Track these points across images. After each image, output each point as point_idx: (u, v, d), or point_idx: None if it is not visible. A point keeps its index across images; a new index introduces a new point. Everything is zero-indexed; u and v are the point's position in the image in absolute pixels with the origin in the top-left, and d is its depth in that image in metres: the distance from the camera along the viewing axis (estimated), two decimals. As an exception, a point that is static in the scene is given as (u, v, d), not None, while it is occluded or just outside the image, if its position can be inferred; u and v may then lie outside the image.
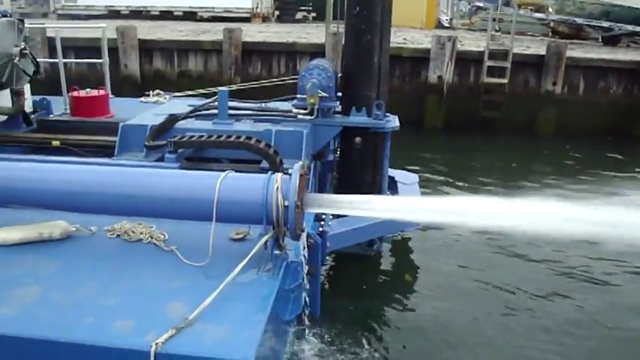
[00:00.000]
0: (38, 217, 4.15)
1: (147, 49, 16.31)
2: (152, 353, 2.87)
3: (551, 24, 21.93)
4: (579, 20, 20.37)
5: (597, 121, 14.60)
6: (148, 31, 18.08)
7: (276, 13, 26.84)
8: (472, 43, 17.24)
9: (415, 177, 7.85)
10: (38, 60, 7.23)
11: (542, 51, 15.13)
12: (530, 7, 23.62)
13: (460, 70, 15.09)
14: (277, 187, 3.58)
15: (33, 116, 7.60)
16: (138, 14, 24.72)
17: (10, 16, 7.05)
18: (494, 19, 16.62)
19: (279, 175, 3.68)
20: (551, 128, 14.72)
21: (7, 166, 4.28)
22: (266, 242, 3.71)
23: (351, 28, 6.68)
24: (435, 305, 6.47)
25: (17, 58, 6.68)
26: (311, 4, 27.95)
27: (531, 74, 15.01)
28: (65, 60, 8.80)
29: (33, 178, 4.10)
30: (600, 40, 20.61)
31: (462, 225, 4.11)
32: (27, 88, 7.43)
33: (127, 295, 3.42)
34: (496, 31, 16.70)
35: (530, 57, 15.19)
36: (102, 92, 8.12)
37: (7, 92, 7.11)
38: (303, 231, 3.86)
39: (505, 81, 14.70)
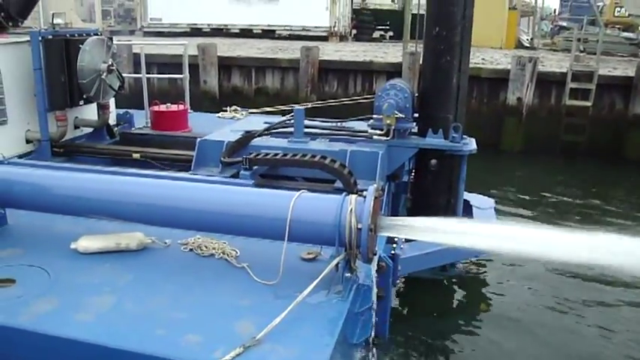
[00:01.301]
0: (117, 227, 4.28)
1: (226, 65, 16.75)
2: (219, 371, 2.87)
3: (641, 44, 20.98)
4: (671, 41, 19.38)
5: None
6: (227, 48, 18.59)
7: (354, 31, 27.00)
8: (554, 63, 16.69)
9: (491, 201, 7.61)
10: (123, 75, 7.53)
11: (631, 72, 14.45)
12: (618, 26, 22.72)
13: (541, 91, 14.61)
14: (351, 209, 3.53)
15: (116, 129, 7.94)
16: (219, 32, 25.49)
17: (101, 34, 7.40)
18: (578, 39, 16.03)
19: (353, 196, 3.63)
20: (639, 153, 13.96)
21: (89, 178, 4.44)
22: (337, 264, 3.66)
23: (430, 49, 6.59)
24: (504, 338, 6.19)
25: (105, 74, 6.99)
26: (388, 23, 27.98)
27: (618, 97, 14.33)
28: (148, 75, 9.14)
29: (113, 190, 4.23)
30: (694, 62, 19.49)
31: (542, 258, 3.89)
32: (112, 101, 7.77)
33: (197, 310, 3.45)
34: (580, 51, 16.10)
35: (617, 79, 14.52)
36: (181, 107, 8.39)
37: (93, 106, 7.46)
38: (375, 254, 3.78)
39: (589, 104, 14.11)
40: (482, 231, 4.10)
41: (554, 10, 41.00)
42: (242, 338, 3.08)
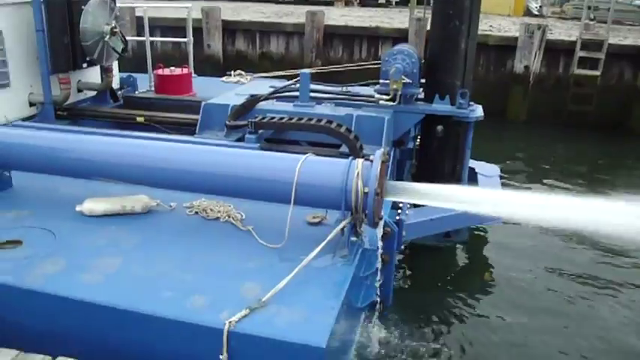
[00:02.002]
0: (122, 190, 4.27)
1: (230, 29, 16.55)
2: (225, 331, 2.89)
3: (653, 12, 20.57)
4: (685, 9, 19.00)
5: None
6: (231, 12, 18.34)
7: (359, -4, 26.58)
8: (563, 32, 16.44)
9: (496, 169, 7.56)
10: (126, 38, 7.43)
11: (641, 41, 14.24)
12: (629, -6, 22.28)
13: (549, 60, 14.39)
14: (358, 173, 3.51)
15: (120, 92, 7.88)
16: (222, -5, 25.10)
17: (104, -5, 7.27)
18: (588, 7, 15.74)
19: (360, 161, 3.61)
20: (646, 125, 13.84)
21: (94, 140, 4.42)
22: (343, 228, 3.66)
23: (438, 13, 6.46)
24: (505, 306, 6.21)
25: (108, 36, 6.90)
26: (395, -12, 27.51)
27: (627, 67, 14.11)
28: (151, 39, 9.01)
29: (118, 152, 4.22)
30: None
31: (545, 223, 3.90)
32: (115, 65, 7.69)
33: (202, 272, 3.47)
34: (590, 19, 15.80)
35: (627, 48, 14.27)
36: (185, 71, 8.30)
37: (97, 69, 7.39)
38: (381, 219, 3.77)
39: (598, 73, 13.91)
40: (488, 197, 4.10)
41: (564, -23, 40.32)
42: (248, 300, 3.10)
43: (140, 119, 6.90)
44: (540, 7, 24.74)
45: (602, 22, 15.68)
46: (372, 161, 3.57)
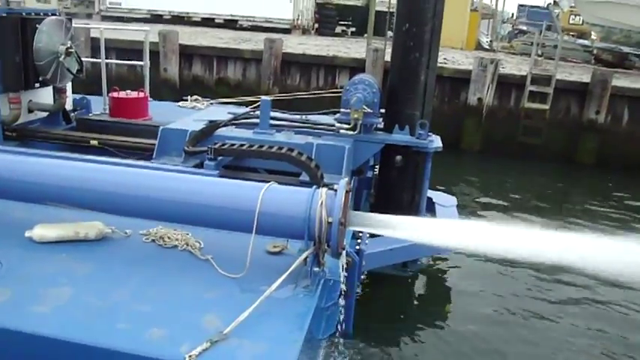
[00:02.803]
0: (75, 216, 4.10)
1: (187, 54, 16.45)
2: (186, 365, 2.77)
3: (595, 51, 21.55)
4: (625, 49, 19.95)
5: (640, 154, 14.20)
6: (189, 36, 18.26)
7: (316, 25, 26.93)
8: (513, 66, 17.00)
9: (453, 199, 7.67)
10: (82, 59, 7.27)
11: (586, 78, 14.84)
12: (572, 34, 23.30)
13: (501, 93, 14.86)
14: (322, 203, 3.46)
15: (73, 114, 7.66)
16: (180, 20, 25.03)
17: (59, 15, 7.11)
18: (537, 44, 16.36)
19: (324, 190, 3.57)
20: (592, 158, 14.36)
21: (45, 163, 4.24)
22: (306, 258, 3.59)
23: (399, 45, 6.56)
24: (464, 332, 6.26)
25: (63, 57, 6.72)
26: (350, 18, 28.01)
27: (574, 102, 14.69)
28: (107, 60, 8.85)
29: (71, 176, 4.05)
30: (645, 70, 20.17)
31: (501, 254, 3.95)
32: (69, 86, 7.49)
33: (160, 303, 3.33)
34: (538, 55, 16.42)
35: (573, 84, 14.87)
36: (141, 94, 8.16)
37: (49, 89, 7.17)
38: (344, 249, 3.73)
39: (547, 107, 14.42)
40: (447, 228, 4.12)
41: (512, 15, 41.89)
42: (209, 332, 2.98)
43: (94, 142, 6.70)
44: (491, 41, 25.59)
45: (549, 59, 16.32)
46: (335, 190, 3.54)
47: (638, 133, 14.37)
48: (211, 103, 8.55)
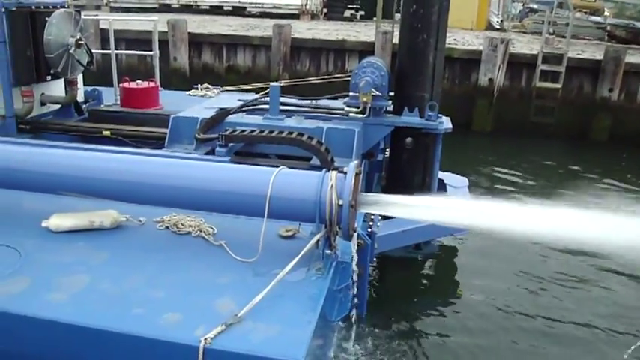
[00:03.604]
0: (90, 205, 4.16)
1: (196, 42, 16.46)
2: (201, 348, 2.82)
3: (608, 28, 21.24)
4: (639, 25, 19.64)
5: (654, 131, 14.06)
6: (197, 25, 18.27)
7: (324, 10, 26.79)
8: (524, 45, 16.83)
9: (465, 180, 7.66)
10: (92, 51, 7.32)
11: (598, 56, 14.66)
12: (585, 10, 22.96)
13: (512, 73, 14.73)
14: (332, 186, 3.49)
15: (84, 106, 7.72)
16: (188, 8, 25.03)
17: (68, 7, 7.16)
18: (548, 22, 16.17)
19: (334, 173, 3.59)
20: (605, 136, 14.23)
21: (60, 154, 4.31)
22: (317, 241, 3.63)
23: (407, 27, 6.53)
24: (477, 317, 6.27)
25: (73, 49, 6.77)
26: (359, 2, 27.82)
27: (586, 80, 14.53)
28: (117, 51, 8.89)
29: (85, 166, 4.12)
30: (659, 46, 19.87)
31: (515, 233, 3.95)
32: (80, 78, 7.55)
33: (175, 288, 3.39)
34: (550, 34, 16.22)
35: (585, 62, 14.70)
36: (152, 84, 8.20)
37: (61, 81, 7.23)
38: (355, 231, 3.76)
39: (558, 86, 14.28)
40: (460, 208, 4.13)
41: (523, -8, 41.29)
42: (223, 316, 3.04)
43: (106, 133, 6.77)
44: (501, 21, 25.30)
45: (561, 37, 16.12)
46: (345, 173, 3.56)
47: (652, 109, 14.21)
48: (221, 91, 8.57)
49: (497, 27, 24.12)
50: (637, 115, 14.19)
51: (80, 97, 7.69)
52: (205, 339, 2.85)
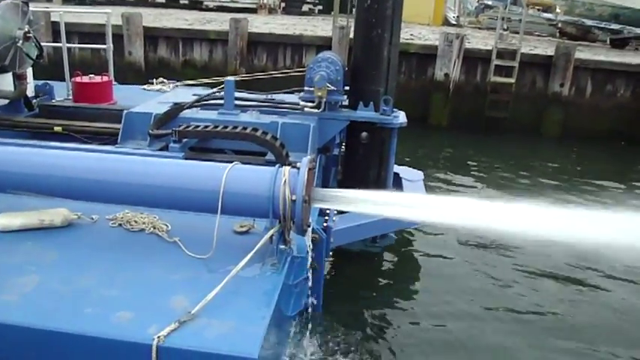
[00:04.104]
0: (39, 203, 4.07)
1: (152, 36, 16.19)
2: (154, 346, 2.80)
3: (559, 24, 21.78)
4: (588, 22, 20.21)
5: (604, 125, 14.51)
6: (153, 18, 17.97)
7: (282, 4, 26.67)
8: (480, 41, 17.13)
9: (420, 174, 7.77)
10: (42, 44, 7.13)
11: (550, 51, 15.03)
12: (537, 7, 23.47)
13: (467, 68, 14.97)
14: (285, 181, 3.51)
15: (35, 101, 7.51)
16: (143, 1, 24.52)
17: (15, -1, 6.95)
18: (502, 18, 16.49)
19: (287, 168, 3.61)
20: (557, 130, 14.63)
21: (8, 151, 4.20)
22: (272, 236, 3.64)
23: (362, 22, 6.58)
24: (435, 306, 6.39)
25: (21, 42, 6.58)
26: (317, -4, 27.78)
27: (538, 75, 14.90)
28: (69, 45, 8.68)
29: (35, 163, 4.02)
30: (608, 42, 20.49)
31: (468, 227, 4.05)
32: (29, 72, 7.34)
33: (128, 286, 3.35)
34: (504, 30, 16.56)
35: (538, 57, 15.07)
36: (105, 78, 8.04)
37: (9, 76, 7.02)
38: (309, 226, 3.78)
39: (512, 80, 14.59)
40: (413, 202, 4.21)
41: (479, -11, 41.98)
42: (177, 313, 3.02)
43: (58, 129, 6.62)
44: (457, 17, 25.68)
45: (514, 33, 16.48)
46: (298, 168, 3.58)
47: (601, 104, 14.68)
48: (177, 86, 8.47)
49: (454, 22, 24.47)
50: (587, 110, 14.63)
51: (30, 92, 7.48)
52: (158, 337, 2.83)
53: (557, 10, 22.84)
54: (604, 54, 16.73)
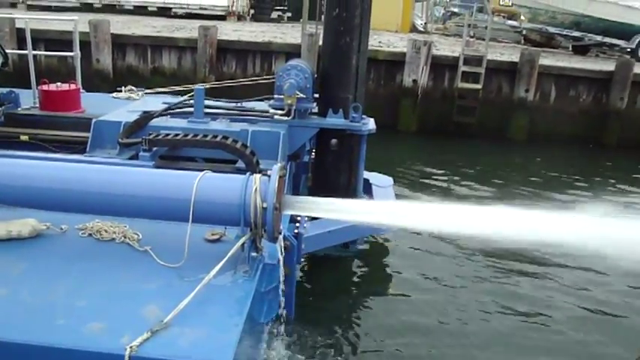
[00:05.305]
0: (6, 214, 4.02)
1: (120, 44, 16.06)
2: (127, 356, 2.80)
3: (524, 32, 22.27)
4: (551, 29, 20.70)
5: (568, 129, 14.90)
6: (121, 25, 17.81)
7: (251, 12, 26.69)
8: (447, 48, 17.39)
9: (390, 180, 7.87)
10: (6, 51, 7.03)
11: (515, 58, 15.35)
12: (503, 15, 23.94)
13: (435, 74, 15.20)
14: (256, 189, 3.53)
15: (0, 109, 7.40)
16: (111, 8, 24.34)
17: (-21, 6, 6.86)
18: (468, 25, 16.80)
19: (257, 176, 3.63)
20: (524, 135, 14.95)
21: (-27, 161, 4.14)
22: (243, 244, 3.66)
23: (330, 30, 6.65)
24: (406, 309, 6.48)
25: (-15, 49, 6.50)
26: (286, 3, 27.92)
27: (504, 81, 15.21)
28: (35, 52, 8.56)
29: (1, 173, 3.96)
30: (570, 49, 21.02)
31: (436, 231, 4.15)
32: (-6, 80, 7.24)
33: (99, 297, 3.33)
34: (470, 37, 16.87)
35: (503, 64, 15.39)
36: (73, 86, 7.93)
37: (-27, 84, 6.92)
38: (280, 233, 3.81)
39: (479, 86, 14.86)
40: (383, 208, 4.28)
41: (445, -4, 42.59)
42: (149, 323, 3.02)
43: (24, 137, 6.53)
44: (425, 24, 26.03)
45: (481, 39, 16.79)
46: (269, 176, 3.61)
47: (564, 109, 15.05)
48: (146, 94, 8.42)
49: (421, 29, 24.81)
50: (551, 115, 14.97)
51: (-5, 100, 7.38)
52: (131, 347, 2.82)
53: (522, 17, 23.36)
54: (567, 60, 17.17)
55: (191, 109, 6.38)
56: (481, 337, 6.06)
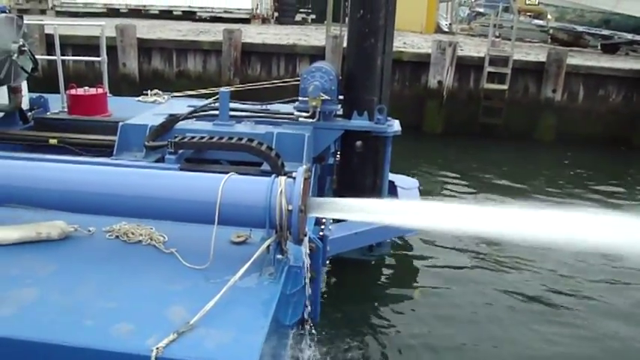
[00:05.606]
0: (36, 216, 4.08)
1: (146, 48, 16.26)
2: (153, 358, 2.81)
3: (551, 31, 21.97)
4: (579, 28, 20.39)
5: (597, 129, 14.65)
6: (147, 30, 18.02)
7: (276, 14, 26.78)
8: (472, 48, 17.24)
9: (415, 182, 7.81)
10: (36, 57, 7.15)
11: (542, 58, 15.15)
12: (529, 14, 23.69)
13: (460, 75, 15.08)
14: (281, 191, 3.53)
15: (30, 114, 7.53)
16: (137, 13, 24.64)
17: (10, 12, 6.98)
18: (494, 25, 16.63)
19: (282, 178, 3.63)
20: (551, 135, 14.74)
21: (3, 164, 4.21)
22: (268, 246, 3.66)
23: (354, 32, 6.63)
24: (433, 314, 6.41)
25: (16, 55, 6.61)
26: (310, 6, 27.95)
27: (531, 81, 15.01)
28: (63, 57, 8.70)
29: (31, 176, 4.03)
30: (599, 48, 20.67)
31: (463, 232, 4.08)
32: (24, 85, 7.36)
33: (126, 298, 3.36)
34: (496, 37, 16.69)
35: (530, 64, 15.19)
36: (100, 91, 8.06)
37: (4, 89, 7.03)
38: (306, 235, 3.80)
39: (505, 87, 14.70)
40: (410, 208, 4.23)
41: (470, -4, 42.26)
42: (175, 324, 3.03)
43: (53, 141, 6.63)
44: (450, 24, 25.84)
45: (507, 40, 16.60)
46: (294, 178, 3.61)
47: (593, 109, 14.80)
48: (172, 97, 8.50)
49: (446, 30, 24.63)
50: (580, 115, 14.73)
51: (25, 105, 7.50)
52: (157, 348, 2.84)
53: (549, 16, 23.06)
54: (595, 59, 16.88)
55: (216, 112, 6.42)
56: (516, 339, 5.96)
